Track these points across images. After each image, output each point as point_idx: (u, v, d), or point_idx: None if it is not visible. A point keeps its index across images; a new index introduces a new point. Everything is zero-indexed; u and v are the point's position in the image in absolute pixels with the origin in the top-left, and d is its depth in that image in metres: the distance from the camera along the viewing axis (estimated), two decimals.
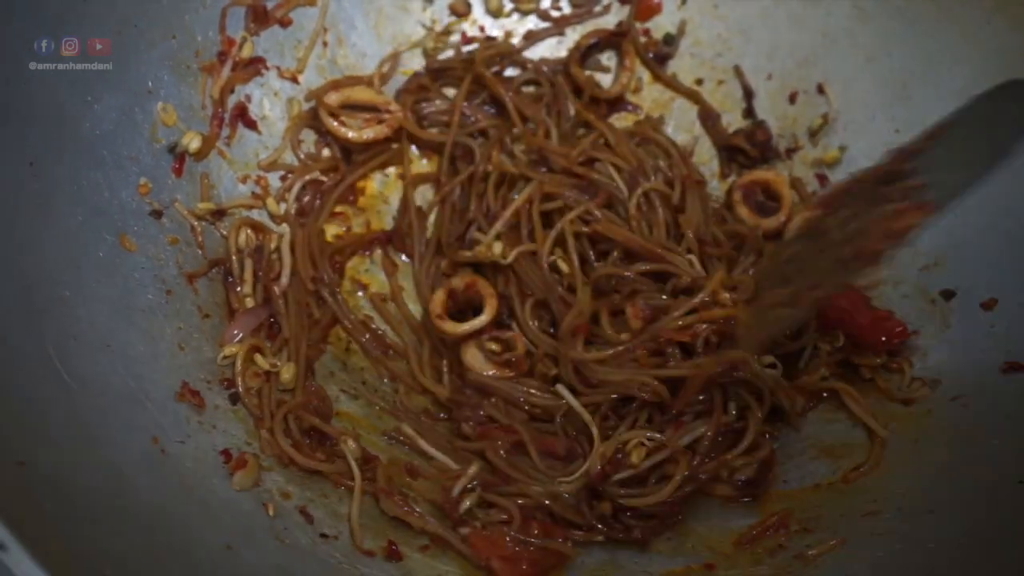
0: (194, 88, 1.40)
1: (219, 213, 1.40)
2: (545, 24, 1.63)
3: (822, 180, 1.53)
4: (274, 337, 1.38)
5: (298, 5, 1.49)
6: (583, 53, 1.59)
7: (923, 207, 1.11)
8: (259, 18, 1.46)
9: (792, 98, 1.56)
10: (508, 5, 1.62)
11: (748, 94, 1.58)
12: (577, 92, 1.56)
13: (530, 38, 1.61)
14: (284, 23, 1.49)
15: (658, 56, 1.60)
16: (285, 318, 1.38)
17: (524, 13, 1.62)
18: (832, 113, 1.52)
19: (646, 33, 1.61)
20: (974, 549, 1.14)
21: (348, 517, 1.26)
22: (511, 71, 1.60)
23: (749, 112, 1.58)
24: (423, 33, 1.59)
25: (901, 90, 1.47)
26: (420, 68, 1.58)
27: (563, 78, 1.57)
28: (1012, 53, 1.37)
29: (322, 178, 1.51)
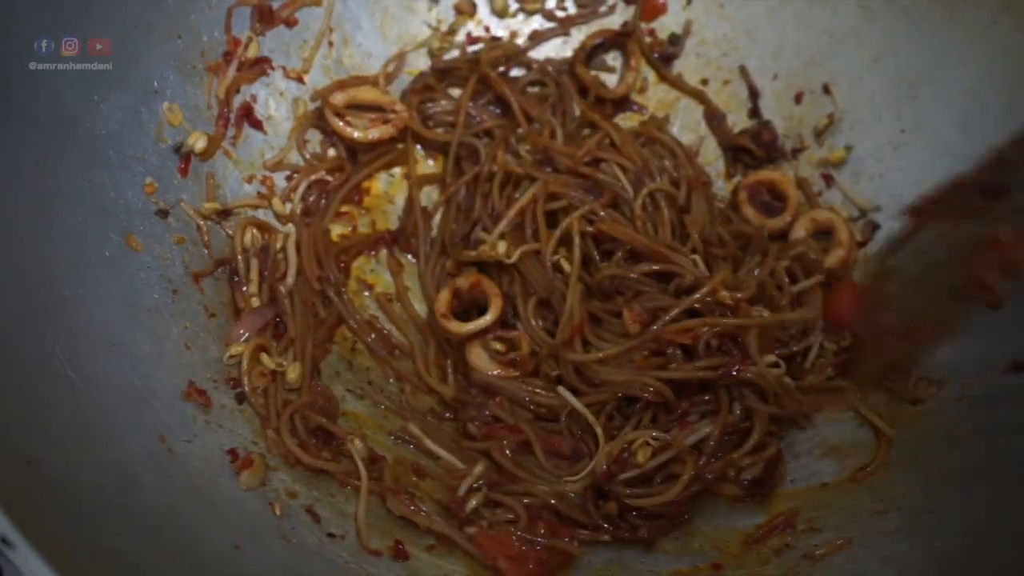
0: (200, 88, 1.40)
1: (225, 213, 1.40)
2: (550, 24, 1.62)
3: (828, 180, 1.53)
4: (280, 337, 1.38)
5: (304, 5, 1.49)
6: (588, 53, 1.59)
7: None
8: (265, 18, 1.46)
9: (798, 98, 1.55)
10: (513, 5, 1.62)
11: (754, 94, 1.58)
12: (582, 92, 1.56)
13: (535, 38, 1.61)
14: (290, 23, 1.49)
15: (663, 56, 1.60)
16: (291, 318, 1.38)
17: (529, 13, 1.62)
18: (838, 113, 1.52)
19: (651, 33, 1.61)
20: (980, 549, 1.14)
21: (355, 516, 1.26)
22: (516, 71, 1.59)
23: (755, 112, 1.58)
24: (428, 33, 1.59)
25: (907, 90, 1.47)
26: (425, 68, 1.58)
27: (568, 78, 1.56)
28: (1018, 53, 1.37)
29: (328, 178, 1.50)
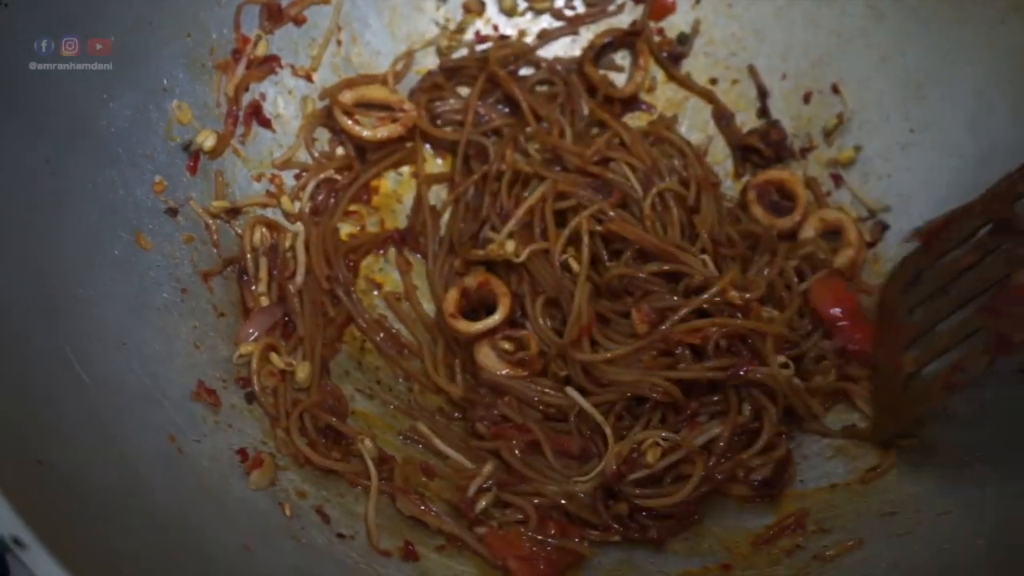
0: (209, 86, 1.40)
1: (234, 211, 1.40)
2: (559, 23, 1.62)
3: (837, 180, 1.52)
4: (289, 336, 1.38)
5: (312, 3, 1.49)
6: (597, 52, 1.58)
7: None
8: (273, 16, 1.45)
9: (806, 98, 1.55)
10: (522, 4, 1.62)
11: (762, 93, 1.58)
12: (591, 91, 1.56)
13: (544, 37, 1.61)
14: (298, 21, 1.48)
15: (672, 55, 1.60)
16: (300, 317, 1.38)
17: (538, 12, 1.62)
18: (847, 113, 1.52)
19: (660, 32, 1.60)
20: (990, 551, 1.14)
21: (364, 517, 1.26)
22: (525, 70, 1.59)
23: (763, 112, 1.58)
24: (437, 31, 1.58)
25: (916, 90, 1.47)
26: (434, 67, 1.58)
27: (577, 77, 1.56)
28: None
29: (336, 177, 1.50)
